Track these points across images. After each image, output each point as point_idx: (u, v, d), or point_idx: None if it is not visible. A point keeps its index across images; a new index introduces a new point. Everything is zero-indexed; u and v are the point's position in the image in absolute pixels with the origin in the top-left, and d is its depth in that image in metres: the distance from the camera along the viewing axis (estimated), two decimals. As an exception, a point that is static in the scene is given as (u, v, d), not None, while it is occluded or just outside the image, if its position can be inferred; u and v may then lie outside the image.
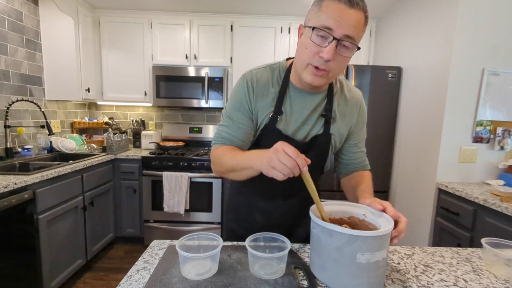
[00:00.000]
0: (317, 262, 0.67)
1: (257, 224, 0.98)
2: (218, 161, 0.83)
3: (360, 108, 0.94)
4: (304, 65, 0.75)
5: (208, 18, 2.83)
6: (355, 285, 0.61)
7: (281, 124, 0.86)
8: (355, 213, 0.75)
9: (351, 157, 0.97)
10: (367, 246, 0.58)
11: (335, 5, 0.68)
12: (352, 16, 0.67)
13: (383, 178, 2.52)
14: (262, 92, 0.85)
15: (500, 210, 1.40)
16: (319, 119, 0.87)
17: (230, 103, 0.89)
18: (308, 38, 0.71)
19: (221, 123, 0.90)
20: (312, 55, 0.72)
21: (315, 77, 0.75)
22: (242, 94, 0.86)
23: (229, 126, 0.86)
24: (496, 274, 0.74)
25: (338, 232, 0.59)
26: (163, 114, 3.23)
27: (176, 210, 2.51)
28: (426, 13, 2.10)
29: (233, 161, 0.77)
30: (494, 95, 1.83)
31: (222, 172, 0.83)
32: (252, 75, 0.87)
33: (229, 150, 0.82)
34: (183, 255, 0.65)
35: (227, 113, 0.88)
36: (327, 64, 0.71)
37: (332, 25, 0.68)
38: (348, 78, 2.38)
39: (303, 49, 0.74)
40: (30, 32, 2.35)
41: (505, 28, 1.78)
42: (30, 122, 2.37)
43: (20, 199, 1.54)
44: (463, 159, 1.89)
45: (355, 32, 0.69)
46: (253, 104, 0.86)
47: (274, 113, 0.84)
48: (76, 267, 2.07)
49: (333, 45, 0.69)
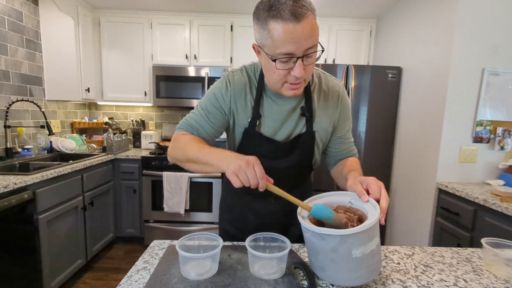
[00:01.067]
0: (315, 263, 0.67)
1: (250, 224, 0.98)
2: (181, 147, 0.81)
3: (341, 99, 0.92)
4: (279, 85, 0.76)
5: (208, 18, 2.83)
6: (356, 278, 0.62)
7: (261, 127, 0.87)
8: (340, 201, 0.74)
9: (338, 148, 0.98)
10: (360, 240, 0.59)
11: (283, 27, 0.64)
12: (304, 29, 0.64)
13: (383, 178, 2.52)
14: (239, 94, 0.86)
15: (500, 210, 1.40)
16: (300, 118, 0.88)
17: (207, 97, 0.88)
18: (273, 66, 0.70)
19: (192, 111, 0.89)
20: (284, 76, 0.72)
21: (294, 91, 0.76)
22: (219, 92, 0.86)
23: (201, 117, 0.87)
24: (496, 274, 0.74)
25: (329, 235, 0.59)
26: (163, 114, 3.23)
27: (176, 210, 2.51)
28: (426, 13, 2.10)
29: (197, 153, 0.76)
30: (494, 95, 1.83)
31: (180, 160, 0.82)
32: (229, 77, 0.87)
33: (196, 140, 0.81)
34: (183, 255, 0.65)
35: (201, 105, 0.88)
36: (300, 77, 0.72)
37: (291, 50, 0.66)
38: (348, 78, 2.38)
39: (272, 73, 0.74)
40: (30, 32, 2.35)
41: (505, 28, 1.78)
42: (30, 122, 2.37)
43: (20, 199, 1.54)
44: (463, 159, 1.89)
45: (313, 40, 0.67)
46: (229, 104, 0.86)
47: (253, 117, 0.86)
48: (76, 267, 2.07)
49: (300, 62, 0.68)
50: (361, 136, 2.45)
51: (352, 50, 2.88)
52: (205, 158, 0.74)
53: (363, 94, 2.40)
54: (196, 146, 0.78)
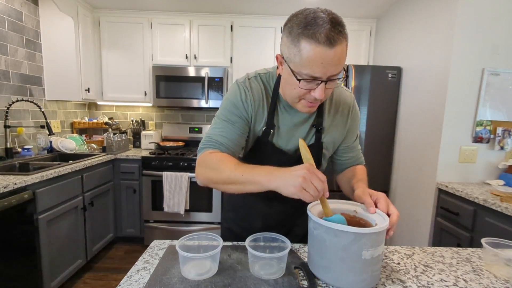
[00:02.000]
0: (320, 263, 0.66)
1: (255, 224, 0.98)
2: (214, 167, 0.74)
3: (351, 111, 0.92)
4: (296, 100, 0.75)
5: (208, 18, 2.83)
6: (360, 281, 0.63)
7: (274, 137, 0.87)
8: (345, 209, 0.76)
9: (346, 156, 0.98)
10: (371, 242, 0.60)
11: (315, 50, 0.63)
12: (335, 55, 0.64)
13: (383, 178, 2.52)
14: (257, 102, 0.84)
15: (500, 210, 1.40)
16: (311, 129, 0.88)
17: (225, 108, 0.84)
18: (295, 81, 0.69)
19: (213, 127, 0.84)
20: (303, 94, 0.72)
21: (310, 109, 0.76)
22: (239, 99, 0.83)
23: (226, 129, 0.81)
24: (496, 274, 0.74)
25: (344, 232, 0.60)
26: (163, 114, 3.23)
27: (176, 210, 2.51)
28: (426, 13, 2.10)
29: (235, 172, 0.70)
30: (494, 95, 1.83)
31: (214, 182, 0.76)
32: (246, 83, 0.84)
33: (229, 159, 0.75)
34: (183, 255, 0.65)
35: (221, 116, 0.83)
36: (320, 99, 0.72)
37: (318, 74, 0.66)
38: (348, 78, 2.38)
39: (292, 89, 0.73)
40: (30, 32, 2.35)
41: (505, 28, 1.78)
42: (30, 122, 2.37)
43: (20, 199, 1.54)
44: (463, 159, 1.89)
45: (340, 67, 0.67)
46: (250, 111, 0.84)
47: (267, 127, 0.85)
48: (76, 267, 2.07)
49: (322, 85, 0.68)
50: (361, 136, 2.45)
51: (352, 50, 2.88)
52: (244, 177, 0.69)
53: (363, 94, 2.40)
54: (231, 165, 0.72)
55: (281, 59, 0.74)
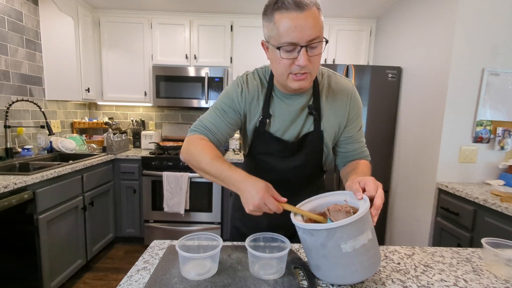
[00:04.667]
0: (311, 262, 0.67)
1: (262, 224, 0.98)
2: (195, 155, 0.82)
3: (351, 99, 0.92)
4: (285, 77, 0.78)
5: (208, 18, 2.83)
6: (350, 274, 0.61)
7: (270, 126, 0.90)
8: (337, 200, 0.74)
9: (348, 148, 0.96)
10: (347, 234, 0.58)
11: (287, 17, 0.69)
12: (307, 18, 0.68)
13: (383, 178, 2.52)
14: (252, 96, 0.89)
15: (500, 210, 1.40)
16: (308, 117, 0.89)
17: (221, 99, 0.91)
18: (278, 56, 0.74)
19: (206, 113, 0.91)
20: (288, 66, 0.75)
21: (300, 82, 0.77)
22: (235, 93, 0.89)
23: (216, 117, 0.89)
24: (496, 274, 0.74)
25: (316, 230, 0.60)
26: (163, 114, 3.23)
27: (176, 210, 2.51)
28: (426, 13, 2.10)
29: (210, 167, 0.78)
30: (494, 95, 1.83)
31: (193, 166, 0.84)
32: (243, 78, 0.91)
33: (210, 150, 0.82)
34: (183, 255, 0.65)
35: (217, 106, 0.91)
36: (305, 68, 0.74)
37: (295, 39, 0.70)
38: (348, 78, 2.38)
39: (277, 64, 0.77)
40: (30, 32, 2.35)
41: (505, 28, 1.78)
42: (30, 122, 2.37)
43: (20, 199, 1.54)
44: (463, 159, 1.89)
45: (316, 31, 0.70)
46: (244, 106, 0.89)
47: (263, 117, 0.88)
48: (76, 267, 2.07)
49: (304, 51, 0.71)
50: (361, 136, 2.45)
51: (352, 50, 2.88)
52: (217, 175, 0.77)
53: (363, 94, 2.40)
54: (209, 158, 0.79)
55: (265, 43, 0.80)
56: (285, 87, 0.85)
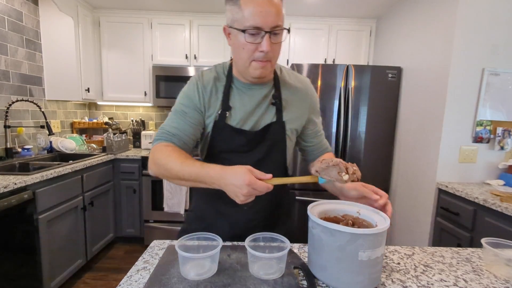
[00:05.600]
0: (317, 262, 0.67)
1: (224, 233, 0.89)
2: (163, 164, 0.77)
3: (309, 91, 0.96)
4: (247, 64, 0.79)
5: (208, 18, 2.83)
6: (357, 283, 0.62)
7: (230, 119, 0.87)
8: (348, 210, 0.76)
9: (315, 142, 1.00)
10: (368, 243, 0.59)
11: (253, 1, 0.72)
12: (272, 6, 0.72)
13: (383, 178, 2.52)
14: (209, 91, 0.87)
15: (500, 210, 1.40)
16: (269, 107, 0.89)
17: (179, 100, 0.88)
18: (242, 40, 0.75)
19: (167, 119, 0.87)
20: (252, 52, 0.77)
21: (261, 69, 0.79)
22: (191, 91, 0.87)
23: (178, 120, 0.85)
24: (496, 274, 0.74)
25: (340, 231, 0.60)
26: (163, 114, 3.23)
27: (176, 210, 2.51)
28: (426, 13, 2.10)
29: (183, 172, 0.73)
30: (494, 95, 1.83)
31: (166, 176, 0.78)
32: (199, 75, 0.89)
33: (178, 154, 0.77)
34: (183, 255, 0.65)
35: (176, 108, 0.87)
36: (267, 55, 0.76)
37: (260, 23, 0.72)
38: (348, 78, 2.38)
39: (241, 50, 0.78)
40: (30, 32, 2.35)
41: (505, 28, 1.78)
42: (30, 122, 2.37)
43: (20, 199, 1.54)
44: (463, 159, 1.89)
45: (279, 18, 0.74)
46: (202, 102, 0.86)
47: (223, 109, 0.86)
48: (76, 267, 2.07)
49: (267, 37, 0.74)
50: (361, 136, 2.45)
51: (352, 50, 2.88)
52: (193, 179, 0.72)
53: (363, 94, 2.40)
54: (178, 162, 0.75)
55: (228, 29, 0.80)
56: (246, 77, 0.85)
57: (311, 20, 2.83)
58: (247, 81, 0.87)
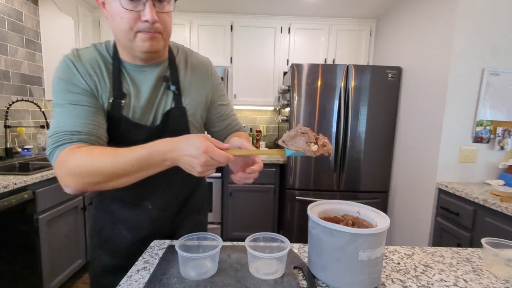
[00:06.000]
0: (317, 262, 0.67)
1: (124, 242, 0.83)
2: (86, 168, 0.60)
3: (211, 73, 0.88)
4: (131, 36, 0.66)
5: (208, 18, 2.82)
6: (357, 282, 0.62)
7: (127, 109, 0.74)
8: (348, 210, 0.76)
9: (225, 124, 0.93)
10: (368, 243, 0.60)
11: None
12: None
13: (383, 178, 2.52)
14: (92, 71, 0.71)
15: (500, 210, 1.40)
16: (166, 92, 0.78)
17: (58, 91, 0.68)
18: (119, 8, 0.62)
19: (54, 120, 0.66)
20: (133, 22, 0.64)
21: (150, 41, 0.67)
22: (72, 75, 0.69)
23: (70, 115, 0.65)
24: (496, 274, 0.74)
25: (340, 231, 0.60)
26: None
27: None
28: (426, 13, 2.10)
29: (123, 164, 0.59)
30: (494, 95, 1.83)
31: (96, 183, 0.62)
32: (74, 55, 0.73)
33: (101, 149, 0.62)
34: (183, 255, 0.65)
35: (60, 104, 0.67)
36: (154, 26, 0.65)
37: None
38: (348, 78, 2.38)
39: (119, 19, 0.64)
40: (30, 32, 2.35)
41: (505, 28, 1.78)
42: (30, 122, 2.37)
43: (20, 199, 1.54)
44: (463, 159, 1.89)
45: None
46: (90, 82, 0.70)
47: (115, 98, 0.72)
48: (76, 267, 2.06)
49: (150, 4, 0.62)
50: (361, 136, 2.45)
51: (352, 50, 2.88)
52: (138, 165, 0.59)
53: (363, 94, 2.40)
54: (109, 158, 0.60)
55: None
56: (134, 53, 0.70)
57: (311, 20, 2.83)
58: (137, 62, 0.74)
